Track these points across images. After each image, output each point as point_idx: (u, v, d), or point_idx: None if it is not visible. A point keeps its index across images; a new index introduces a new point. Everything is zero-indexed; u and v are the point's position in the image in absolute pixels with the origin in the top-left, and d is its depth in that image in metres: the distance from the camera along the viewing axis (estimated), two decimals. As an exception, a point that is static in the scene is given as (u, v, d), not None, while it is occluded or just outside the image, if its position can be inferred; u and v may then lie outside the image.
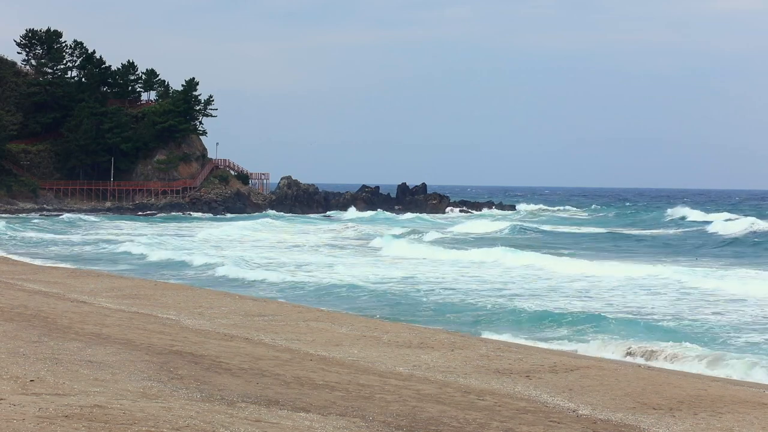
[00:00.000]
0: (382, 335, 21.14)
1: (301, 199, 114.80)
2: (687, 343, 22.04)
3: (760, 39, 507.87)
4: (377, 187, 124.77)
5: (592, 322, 25.53)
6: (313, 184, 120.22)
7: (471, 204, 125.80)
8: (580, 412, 14.02)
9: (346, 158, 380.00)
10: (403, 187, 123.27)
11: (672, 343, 22.10)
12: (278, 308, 25.79)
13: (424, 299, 31.28)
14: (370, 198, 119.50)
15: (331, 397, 13.63)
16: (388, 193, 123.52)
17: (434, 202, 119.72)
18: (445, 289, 34.25)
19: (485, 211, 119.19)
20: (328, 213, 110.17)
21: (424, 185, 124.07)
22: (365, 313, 27.21)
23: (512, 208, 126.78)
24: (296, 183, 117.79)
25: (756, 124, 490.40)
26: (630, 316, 27.33)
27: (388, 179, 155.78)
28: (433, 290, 33.76)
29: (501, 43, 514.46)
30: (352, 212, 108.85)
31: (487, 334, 23.94)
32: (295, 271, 40.06)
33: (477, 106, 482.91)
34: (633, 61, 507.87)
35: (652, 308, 29.34)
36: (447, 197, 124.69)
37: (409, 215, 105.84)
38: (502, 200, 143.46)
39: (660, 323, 25.90)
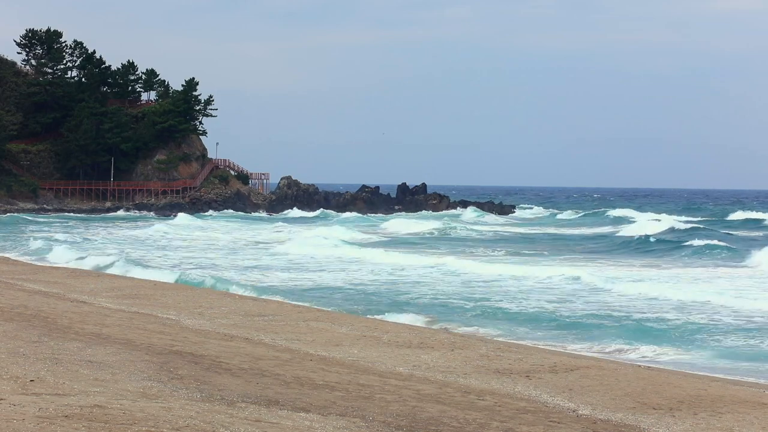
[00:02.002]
0: (382, 335, 21.15)
1: (301, 199, 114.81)
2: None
3: (760, 39, 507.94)
4: (377, 187, 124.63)
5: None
6: (313, 184, 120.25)
7: (472, 204, 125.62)
8: (580, 412, 14.03)
9: (346, 158, 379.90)
10: (403, 187, 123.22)
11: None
12: (278, 308, 25.79)
13: (260, 277, 38.67)
14: (370, 198, 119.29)
15: (331, 397, 13.64)
16: (388, 193, 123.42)
17: (434, 201, 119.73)
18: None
19: (445, 211, 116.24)
20: (283, 212, 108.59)
21: (424, 185, 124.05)
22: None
23: (512, 208, 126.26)
24: (296, 183, 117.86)
25: (756, 124, 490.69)
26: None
27: (388, 179, 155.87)
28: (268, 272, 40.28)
29: (501, 43, 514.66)
30: (296, 212, 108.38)
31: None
32: (174, 269, 41.50)
33: (477, 106, 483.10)
34: (633, 61, 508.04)
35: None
36: (447, 197, 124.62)
37: (348, 214, 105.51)
38: (502, 201, 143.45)
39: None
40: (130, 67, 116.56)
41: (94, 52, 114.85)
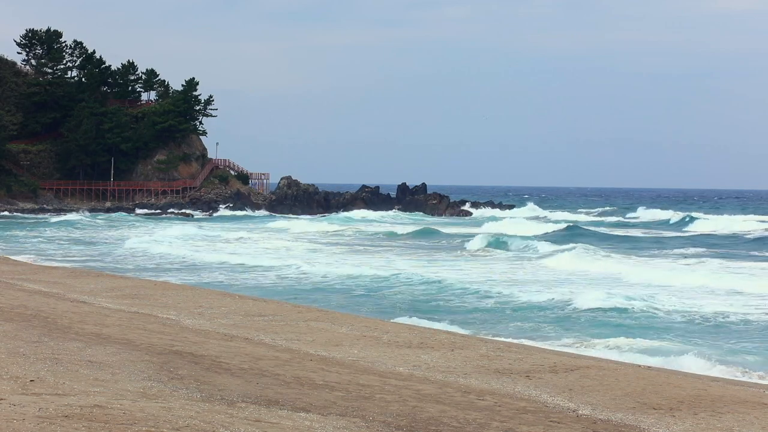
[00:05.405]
0: (382, 335, 21.14)
1: (301, 199, 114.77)
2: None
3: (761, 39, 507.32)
4: (377, 187, 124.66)
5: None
6: (313, 184, 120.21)
7: (471, 204, 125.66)
8: (580, 412, 14.02)
9: (346, 158, 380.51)
10: (403, 187, 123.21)
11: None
12: (278, 308, 25.78)
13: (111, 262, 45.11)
14: (370, 198, 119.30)
15: (331, 397, 13.63)
16: (388, 193, 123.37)
17: (434, 202, 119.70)
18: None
19: (391, 211, 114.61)
20: (220, 213, 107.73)
21: (424, 185, 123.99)
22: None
23: (510, 208, 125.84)
24: (296, 183, 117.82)
25: (756, 124, 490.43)
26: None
27: (388, 179, 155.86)
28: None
29: (501, 43, 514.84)
30: (223, 210, 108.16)
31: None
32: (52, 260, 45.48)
33: (477, 106, 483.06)
34: (634, 61, 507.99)
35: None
36: (447, 197, 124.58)
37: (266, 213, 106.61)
38: (502, 201, 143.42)
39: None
40: (130, 67, 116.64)
41: (94, 52, 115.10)
